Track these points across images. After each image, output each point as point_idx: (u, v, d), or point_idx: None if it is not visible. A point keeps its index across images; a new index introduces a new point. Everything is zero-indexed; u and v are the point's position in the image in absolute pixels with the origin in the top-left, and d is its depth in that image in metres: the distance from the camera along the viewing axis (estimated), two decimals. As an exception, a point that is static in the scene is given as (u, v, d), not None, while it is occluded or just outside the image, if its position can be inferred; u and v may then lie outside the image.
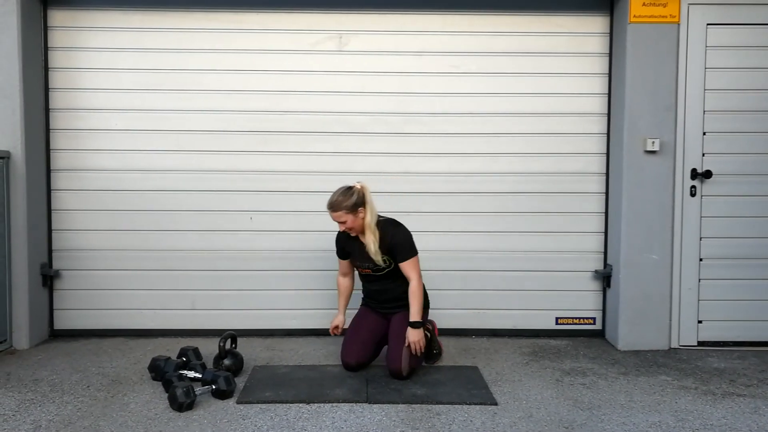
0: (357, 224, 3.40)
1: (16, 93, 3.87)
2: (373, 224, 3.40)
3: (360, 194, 3.38)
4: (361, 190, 3.40)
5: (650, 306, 4.01)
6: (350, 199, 3.36)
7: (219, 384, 3.12)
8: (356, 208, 3.37)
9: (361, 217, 3.39)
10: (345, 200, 3.36)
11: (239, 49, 4.17)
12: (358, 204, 3.37)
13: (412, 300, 3.39)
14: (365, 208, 3.39)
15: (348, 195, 3.37)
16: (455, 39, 4.19)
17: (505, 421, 2.93)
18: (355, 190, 3.39)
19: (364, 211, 3.39)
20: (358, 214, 3.38)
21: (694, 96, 3.98)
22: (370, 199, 3.41)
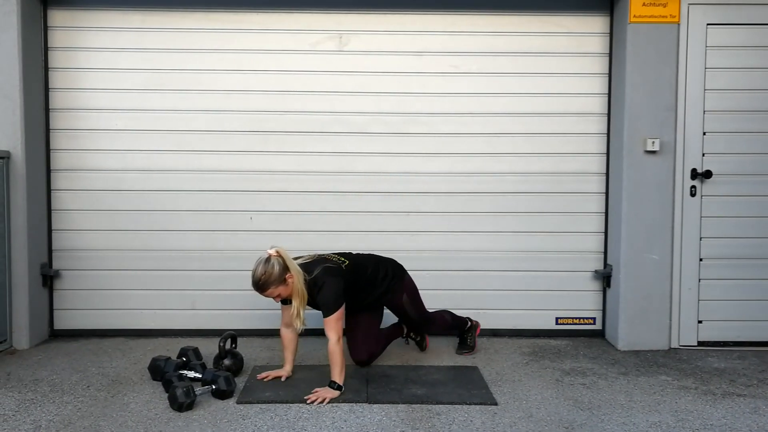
0: (289, 290, 3.19)
1: (16, 93, 3.87)
2: (301, 286, 3.18)
3: (279, 262, 3.14)
4: (279, 257, 3.15)
5: (650, 306, 4.01)
6: (273, 271, 3.11)
7: (219, 384, 3.12)
8: (283, 277, 3.14)
9: (291, 283, 3.17)
10: (269, 276, 3.11)
11: (239, 49, 4.17)
12: (282, 273, 3.14)
13: (332, 361, 3.18)
14: (291, 272, 3.16)
15: (269, 269, 3.12)
16: (455, 39, 4.19)
17: (505, 421, 2.93)
18: (273, 260, 3.13)
19: (292, 276, 3.16)
20: (288, 282, 3.16)
21: (694, 96, 3.98)
22: (291, 261, 3.19)
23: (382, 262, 3.59)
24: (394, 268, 3.60)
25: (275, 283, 3.14)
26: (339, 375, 3.19)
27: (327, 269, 3.29)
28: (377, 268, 3.52)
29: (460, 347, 3.95)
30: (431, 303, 4.15)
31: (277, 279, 3.14)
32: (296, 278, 3.18)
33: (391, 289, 3.54)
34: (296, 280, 3.18)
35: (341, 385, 3.18)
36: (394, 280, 3.55)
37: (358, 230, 4.24)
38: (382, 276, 3.52)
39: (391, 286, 3.53)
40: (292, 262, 3.21)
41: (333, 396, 3.13)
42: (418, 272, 4.22)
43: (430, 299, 4.16)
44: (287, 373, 3.41)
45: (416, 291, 3.66)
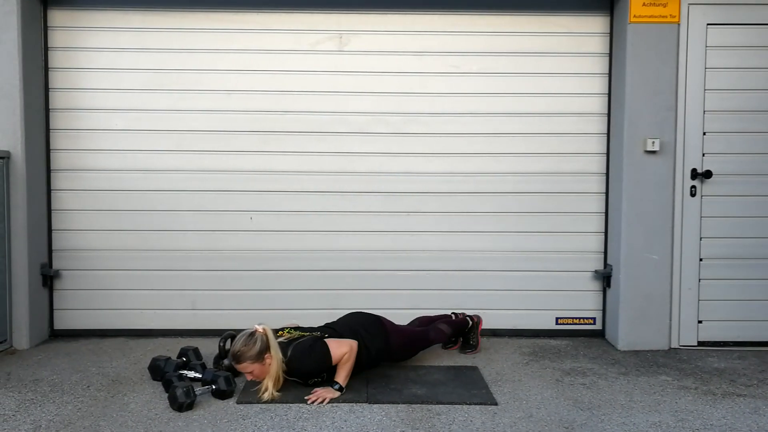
0: (263, 372, 3.13)
1: (16, 93, 3.87)
2: (277, 371, 3.12)
3: (263, 340, 3.10)
4: (264, 335, 3.12)
5: (650, 306, 4.01)
6: (254, 348, 3.08)
7: (219, 384, 3.12)
8: (261, 356, 3.09)
9: (268, 363, 3.11)
10: (248, 350, 3.08)
11: (239, 49, 4.17)
12: (262, 351, 3.09)
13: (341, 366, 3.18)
14: (271, 354, 3.11)
15: (251, 344, 3.09)
16: (455, 39, 4.19)
17: (505, 421, 2.93)
18: (258, 336, 3.11)
19: (271, 357, 3.11)
20: (265, 362, 3.11)
21: (694, 96, 3.98)
22: (274, 343, 3.13)
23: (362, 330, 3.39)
24: (375, 331, 3.43)
25: (251, 359, 3.10)
26: (344, 378, 3.19)
27: (297, 345, 3.18)
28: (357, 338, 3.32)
29: (463, 347, 3.95)
30: (431, 303, 4.17)
31: (255, 356, 3.09)
32: (274, 361, 3.12)
33: (380, 353, 3.43)
34: (274, 363, 3.12)
35: (343, 386, 3.18)
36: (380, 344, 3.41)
37: (358, 230, 4.24)
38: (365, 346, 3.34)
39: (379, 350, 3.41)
40: (275, 343, 3.14)
41: (333, 396, 3.13)
42: (418, 272, 4.25)
43: (430, 299, 4.19)
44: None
45: (404, 336, 3.57)
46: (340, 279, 4.25)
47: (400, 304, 4.21)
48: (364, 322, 3.47)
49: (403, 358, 3.64)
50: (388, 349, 3.46)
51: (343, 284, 4.25)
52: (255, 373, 3.14)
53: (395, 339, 3.49)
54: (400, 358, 3.62)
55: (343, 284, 4.25)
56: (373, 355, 3.38)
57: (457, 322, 3.91)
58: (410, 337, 3.63)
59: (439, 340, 3.79)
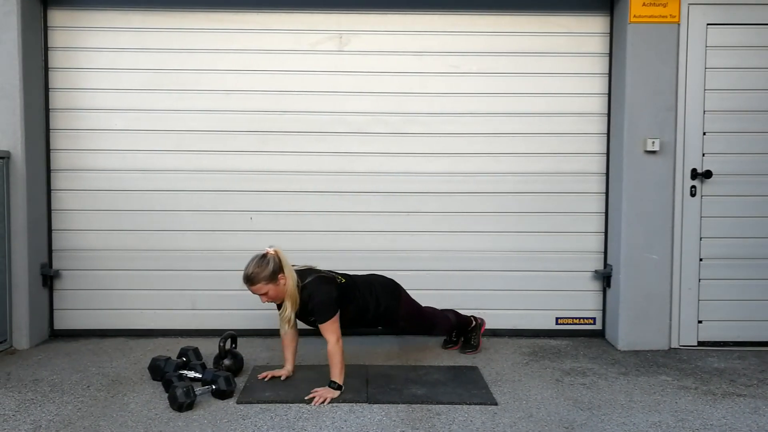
0: (279, 293, 3.17)
1: (16, 93, 3.87)
2: (294, 290, 3.17)
3: (276, 260, 3.14)
4: (276, 256, 3.15)
5: (650, 306, 4.01)
6: (267, 268, 3.11)
7: (219, 384, 3.12)
8: (275, 276, 3.13)
9: (283, 284, 3.15)
10: (262, 271, 3.11)
11: (239, 49, 4.17)
12: (276, 272, 3.13)
13: (331, 361, 3.17)
14: (285, 274, 3.15)
15: (263, 265, 3.12)
16: (455, 39, 4.19)
17: (505, 421, 2.93)
18: (270, 257, 3.14)
19: (285, 278, 3.15)
20: (279, 282, 3.15)
21: (694, 96, 3.98)
22: (287, 263, 3.18)
23: (378, 285, 3.50)
24: (390, 289, 3.52)
25: (265, 280, 3.13)
26: (339, 375, 3.19)
27: (320, 278, 3.27)
28: (371, 290, 3.45)
29: (464, 346, 3.95)
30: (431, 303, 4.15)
31: (268, 276, 3.13)
32: (289, 281, 3.16)
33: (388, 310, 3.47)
34: (289, 282, 3.16)
35: (341, 385, 3.18)
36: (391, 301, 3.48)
37: (358, 230, 4.24)
38: (376, 297, 3.44)
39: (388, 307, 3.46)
40: (288, 264, 3.20)
41: (333, 396, 3.13)
42: (418, 272, 4.24)
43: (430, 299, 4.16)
44: (288, 372, 3.41)
45: (414, 307, 3.62)
46: (340, 279, 4.25)
47: (400, 304, 4.21)
48: (382, 280, 3.57)
49: (406, 328, 3.68)
50: (396, 310, 3.50)
51: (343, 284, 4.25)
52: (270, 294, 3.17)
53: (405, 305, 3.55)
54: (403, 327, 3.65)
55: (343, 284, 4.25)
56: (381, 310, 3.43)
57: (462, 317, 3.93)
58: (419, 310, 3.67)
59: (443, 325, 3.82)
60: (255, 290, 3.18)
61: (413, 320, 3.65)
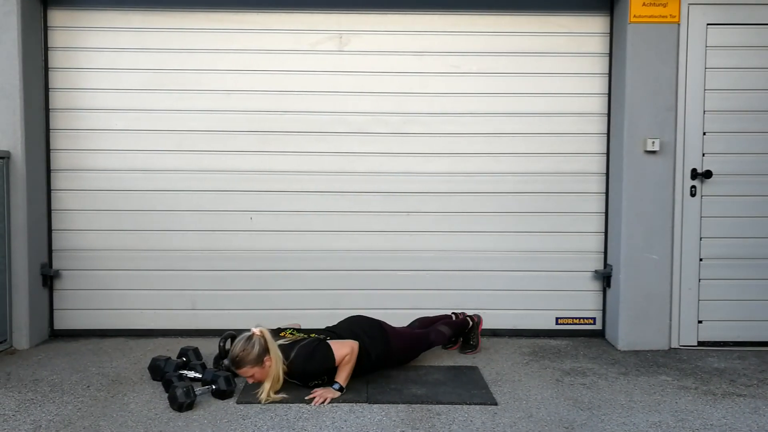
0: (264, 375, 3.12)
1: (16, 93, 3.87)
2: (278, 372, 3.11)
3: (261, 342, 3.10)
4: (262, 337, 3.11)
5: (650, 306, 4.01)
6: (252, 351, 3.07)
7: (219, 384, 3.12)
8: (261, 360, 3.09)
9: (268, 366, 3.10)
10: (247, 354, 3.07)
11: (239, 49, 4.17)
12: (261, 354, 3.09)
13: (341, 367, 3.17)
14: (270, 356, 3.10)
15: (249, 348, 3.08)
16: (455, 39, 4.19)
17: (505, 421, 2.93)
18: (256, 339, 3.09)
19: (270, 360, 3.10)
20: (265, 365, 3.10)
21: (694, 96, 3.98)
22: (273, 344, 3.12)
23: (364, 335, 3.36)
24: (376, 336, 3.42)
25: (251, 364, 3.09)
26: (344, 379, 3.19)
27: (301, 347, 3.17)
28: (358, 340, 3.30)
29: (464, 347, 3.95)
30: (431, 303, 4.16)
31: (254, 360, 3.09)
32: (274, 363, 3.11)
33: (380, 358, 3.41)
34: (273, 364, 3.11)
35: (343, 386, 3.18)
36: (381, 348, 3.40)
37: (358, 230, 4.24)
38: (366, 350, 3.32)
39: (379, 355, 3.40)
40: (273, 345, 3.13)
41: (333, 396, 3.13)
42: (418, 272, 4.25)
43: (430, 299, 4.18)
44: None
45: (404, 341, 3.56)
46: (340, 279, 4.25)
47: (400, 304, 4.21)
48: (364, 325, 3.46)
49: (404, 361, 3.63)
50: (388, 353, 3.45)
51: (343, 284, 4.25)
52: (256, 376, 3.14)
53: (396, 343, 3.49)
54: (401, 362, 3.62)
55: (343, 284, 4.25)
56: (373, 360, 3.37)
57: (458, 323, 3.91)
58: (411, 340, 3.63)
59: (439, 342, 3.79)
60: (241, 373, 3.14)
61: (408, 352, 3.62)
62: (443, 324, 3.85)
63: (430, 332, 3.74)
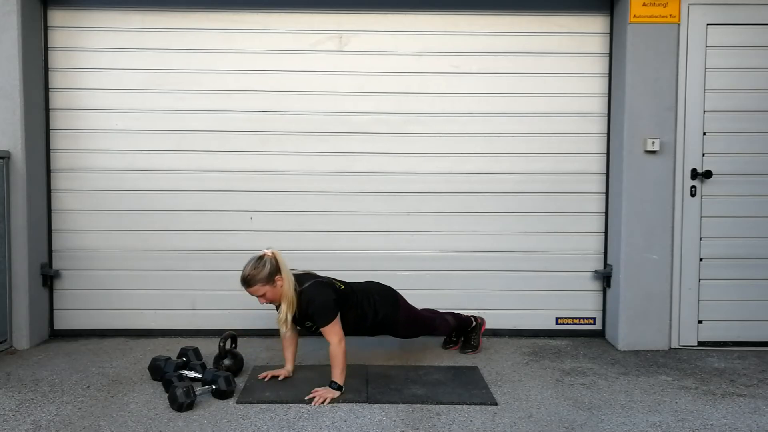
0: (276, 295, 3.18)
1: (16, 93, 3.87)
2: (291, 292, 3.17)
3: (272, 262, 3.14)
4: (273, 257, 3.15)
5: (650, 306, 4.01)
6: (263, 270, 3.11)
7: (219, 384, 3.12)
8: (272, 278, 3.13)
9: (280, 285, 3.15)
10: (258, 273, 3.11)
11: (239, 49, 4.17)
12: (273, 273, 3.12)
13: (333, 362, 3.17)
14: (282, 276, 3.15)
15: (260, 266, 3.12)
16: (455, 39, 4.19)
17: (505, 421, 2.93)
18: (267, 259, 3.14)
19: (282, 279, 3.15)
20: (276, 284, 3.14)
21: (694, 96, 3.98)
22: (284, 265, 3.17)
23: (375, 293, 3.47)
24: (387, 298, 3.50)
25: (262, 282, 3.13)
26: (340, 375, 3.18)
27: (317, 282, 3.26)
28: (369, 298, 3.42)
29: (464, 346, 3.95)
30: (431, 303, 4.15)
31: (265, 278, 3.13)
32: (286, 282, 3.16)
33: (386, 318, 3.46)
34: (286, 284, 3.16)
35: (341, 385, 3.17)
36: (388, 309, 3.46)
37: (358, 230, 4.24)
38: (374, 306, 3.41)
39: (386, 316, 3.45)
40: (285, 266, 3.19)
41: (333, 396, 3.13)
42: (418, 272, 4.25)
43: (430, 299, 4.17)
44: (288, 372, 3.41)
45: (412, 313, 3.60)
46: (340, 279, 4.25)
47: (400, 304, 4.21)
48: (380, 288, 3.54)
49: (406, 335, 3.66)
50: (394, 319, 3.48)
51: (343, 284, 4.25)
52: (267, 295, 3.17)
53: (404, 312, 3.54)
54: (403, 334, 3.64)
55: (343, 284, 4.25)
56: (379, 319, 3.41)
57: (461, 318, 3.92)
58: (418, 316, 3.66)
59: (442, 329, 3.81)
60: (252, 292, 3.18)
61: (412, 327, 3.64)
62: (449, 313, 3.89)
63: (436, 317, 3.79)
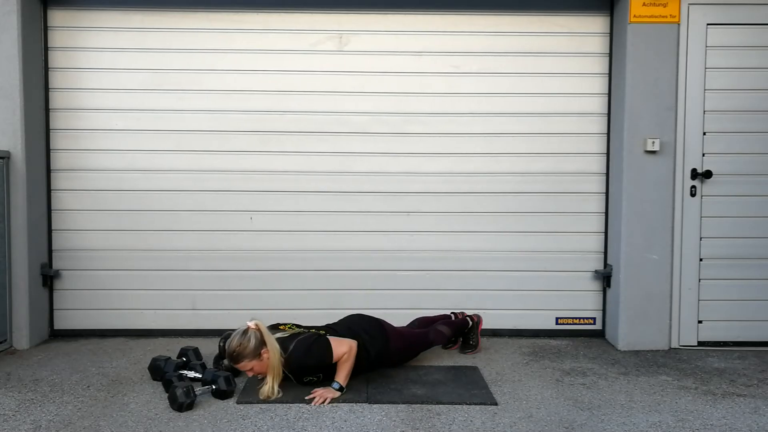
0: (263, 367, 3.12)
1: (16, 93, 3.87)
2: (276, 362, 3.10)
3: (257, 335, 3.08)
4: (257, 330, 3.10)
5: (650, 306, 4.01)
6: (249, 344, 3.05)
7: (219, 384, 3.12)
8: (258, 352, 3.07)
9: (266, 358, 3.09)
10: (244, 348, 3.05)
11: (239, 49, 4.17)
12: (258, 347, 3.07)
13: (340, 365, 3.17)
14: (267, 348, 3.09)
15: (245, 341, 3.06)
16: (455, 39, 4.19)
17: (505, 421, 2.93)
18: (251, 333, 3.08)
19: (267, 351, 3.09)
20: (263, 356, 3.09)
21: (694, 96, 3.98)
22: (269, 336, 3.12)
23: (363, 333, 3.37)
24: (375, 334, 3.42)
25: (249, 357, 3.07)
26: (344, 378, 3.19)
27: (300, 340, 3.16)
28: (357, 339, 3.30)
29: (464, 346, 3.95)
30: (431, 303, 4.17)
31: (252, 353, 3.07)
32: (272, 354, 3.10)
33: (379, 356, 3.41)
34: (272, 356, 3.10)
35: (343, 386, 3.17)
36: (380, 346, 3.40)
37: (358, 230, 4.24)
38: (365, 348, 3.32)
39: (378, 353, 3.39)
40: (270, 337, 3.13)
41: (333, 396, 3.13)
42: (418, 272, 4.25)
43: (430, 299, 4.18)
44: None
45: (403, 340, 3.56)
46: (339, 279, 4.25)
47: (400, 304, 4.21)
48: (364, 324, 3.45)
49: (403, 360, 3.63)
50: (387, 352, 3.45)
51: (343, 284, 4.25)
52: (255, 369, 3.13)
53: (395, 342, 3.49)
54: (400, 361, 3.61)
55: (342, 284, 4.25)
56: (372, 358, 3.37)
57: (457, 323, 3.90)
58: (410, 339, 3.63)
59: (438, 342, 3.78)
60: (240, 368, 3.13)
61: (407, 352, 3.61)
62: (443, 324, 3.84)
63: (429, 332, 3.74)
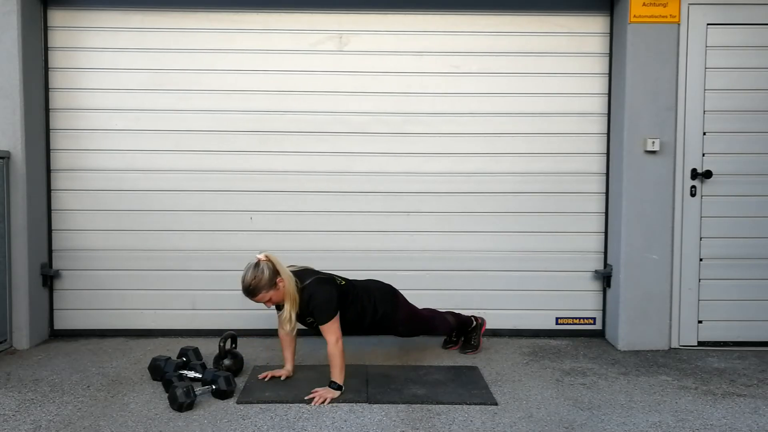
0: (280, 296, 3.18)
1: (16, 93, 3.87)
2: (293, 290, 3.17)
3: (269, 266, 3.13)
4: (269, 261, 3.15)
5: (650, 306, 4.01)
6: (263, 276, 3.10)
7: (219, 384, 3.12)
8: (274, 282, 3.13)
9: (282, 286, 3.15)
10: (260, 280, 3.10)
11: (239, 49, 4.17)
12: (273, 277, 3.12)
13: (332, 362, 3.17)
14: (282, 277, 3.15)
15: (259, 273, 3.11)
16: (456, 39, 4.19)
17: (505, 421, 2.93)
18: (263, 264, 3.13)
19: (282, 280, 3.15)
20: (279, 286, 3.15)
21: (694, 96, 3.98)
22: (281, 265, 3.18)
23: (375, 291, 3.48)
24: (387, 296, 3.50)
25: (266, 288, 3.13)
26: (339, 375, 3.18)
27: (319, 279, 3.28)
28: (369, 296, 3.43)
29: (464, 346, 3.95)
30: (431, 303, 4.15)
31: (268, 284, 3.12)
32: (287, 282, 3.16)
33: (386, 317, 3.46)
34: (287, 284, 3.16)
35: (341, 385, 3.17)
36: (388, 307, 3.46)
37: (358, 230, 4.24)
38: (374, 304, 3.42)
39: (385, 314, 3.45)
40: (282, 266, 3.19)
41: (333, 396, 3.13)
42: (418, 272, 4.25)
43: (430, 299, 4.17)
44: (288, 372, 3.41)
45: (411, 312, 3.61)
46: (340, 279, 4.25)
47: (400, 304, 4.21)
48: (380, 285, 3.55)
49: (405, 333, 3.66)
50: (394, 317, 3.48)
51: (343, 284, 4.25)
52: (273, 299, 3.19)
53: (403, 310, 3.54)
54: (402, 332, 3.64)
55: (343, 284, 4.25)
56: (378, 316, 3.42)
57: (462, 317, 3.93)
58: (417, 315, 3.66)
59: (442, 328, 3.81)
60: (257, 300, 3.18)
61: (411, 325, 3.64)
62: (449, 313, 3.89)
63: (436, 316, 3.79)
